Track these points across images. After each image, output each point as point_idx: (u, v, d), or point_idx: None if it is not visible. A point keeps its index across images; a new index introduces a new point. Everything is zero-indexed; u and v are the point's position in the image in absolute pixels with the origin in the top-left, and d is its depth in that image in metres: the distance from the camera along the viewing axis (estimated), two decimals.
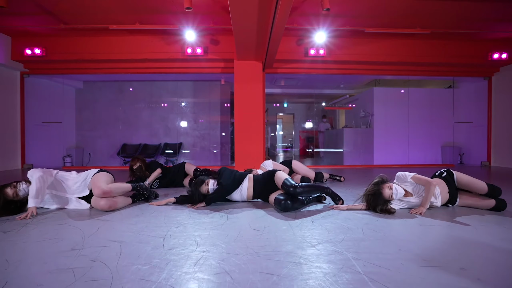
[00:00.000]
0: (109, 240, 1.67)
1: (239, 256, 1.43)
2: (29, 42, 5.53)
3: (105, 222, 2.06)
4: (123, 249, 1.53)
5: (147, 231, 1.84)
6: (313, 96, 9.62)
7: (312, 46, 5.61)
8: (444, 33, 5.48)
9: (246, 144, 5.53)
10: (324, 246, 1.57)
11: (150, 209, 2.46)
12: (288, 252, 1.49)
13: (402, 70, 6.32)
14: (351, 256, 1.44)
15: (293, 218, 2.14)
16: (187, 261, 1.38)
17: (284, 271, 1.27)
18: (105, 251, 1.51)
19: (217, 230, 1.85)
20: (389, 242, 1.64)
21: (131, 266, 1.32)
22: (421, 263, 1.35)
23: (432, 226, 1.95)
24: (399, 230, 1.87)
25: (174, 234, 1.77)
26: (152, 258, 1.41)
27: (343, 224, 1.98)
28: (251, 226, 1.95)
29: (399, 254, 1.46)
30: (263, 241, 1.66)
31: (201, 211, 2.36)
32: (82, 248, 1.55)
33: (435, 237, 1.74)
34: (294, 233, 1.80)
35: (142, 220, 2.11)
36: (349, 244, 1.61)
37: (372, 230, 1.85)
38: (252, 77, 5.51)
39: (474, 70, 6.45)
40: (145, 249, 1.53)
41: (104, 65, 5.96)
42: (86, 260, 1.39)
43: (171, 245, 1.59)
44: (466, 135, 7.22)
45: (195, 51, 5.52)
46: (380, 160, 7.11)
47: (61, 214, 2.29)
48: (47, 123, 6.69)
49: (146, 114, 7.91)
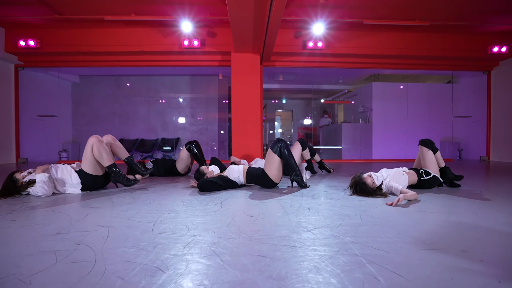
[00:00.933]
0: (97, 225, 1.60)
1: (231, 240, 1.38)
2: (23, 33, 5.44)
3: (95, 209, 2.00)
4: (110, 233, 1.47)
5: (138, 217, 1.78)
6: (312, 92, 9.56)
7: (310, 38, 5.54)
8: (443, 26, 5.42)
9: (244, 137, 5.47)
10: (320, 231, 1.51)
11: (143, 197, 2.40)
12: (283, 236, 1.44)
13: (401, 64, 6.27)
14: (348, 239, 1.38)
15: (289, 206, 2.08)
16: (176, 244, 1.32)
17: (277, 253, 1.22)
18: (92, 235, 1.45)
19: (210, 216, 1.79)
20: (388, 227, 1.58)
21: (117, 249, 1.26)
22: (420, 246, 1.30)
23: (431, 212, 1.90)
24: (397, 216, 1.82)
25: (165, 220, 1.71)
26: (140, 241, 1.35)
27: (340, 211, 1.93)
28: (245, 212, 1.89)
29: (397, 238, 1.41)
30: (257, 226, 1.60)
31: (195, 199, 2.30)
32: (68, 232, 1.49)
33: (434, 222, 1.69)
34: (290, 219, 1.74)
35: (133, 207, 2.04)
36: (346, 229, 1.55)
37: (370, 216, 1.79)
38: (249, 69, 5.45)
39: (474, 64, 6.40)
40: (134, 233, 1.47)
41: (100, 58, 5.87)
42: (71, 243, 1.33)
43: (161, 229, 1.53)
44: (465, 130, 7.19)
45: (192, 43, 5.44)
46: (378, 154, 7.07)
47: (50, 201, 2.22)
48: (42, 117, 6.61)
49: (143, 109, 7.84)
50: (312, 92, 9.61)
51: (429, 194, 2.52)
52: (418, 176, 2.62)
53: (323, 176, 3.86)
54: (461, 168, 4.81)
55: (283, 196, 2.43)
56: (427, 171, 2.62)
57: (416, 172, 2.64)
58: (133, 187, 2.89)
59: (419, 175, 2.62)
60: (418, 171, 2.65)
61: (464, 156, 7.22)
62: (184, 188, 2.88)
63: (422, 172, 2.62)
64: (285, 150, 2.66)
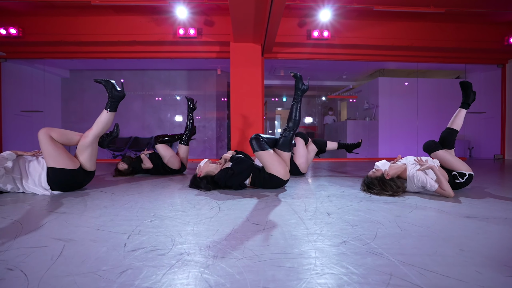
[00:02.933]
0: (52, 238, 1.19)
1: (232, 261, 0.97)
2: (4, 21, 5.00)
3: (60, 214, 1.58)
4: (64, 251, 1.06)
5: (110, 225, 1.37)
6: (316, 89, 9.16)
7: (315, 27, 5.15)
8: (458, 14, 5.04)
9: (244, 134, 5.07)
10: (354, 246, 1.11)
11: (124, 199, 1.98)
12: (303, 254, 1.04)
13: (412, 56, 5.87)
14: (397, 260, 0.98)
15: (303, 210, 1.68)
16: (153, 268, 0.91)
17: (302, 285, 0.81)
18: (37, 254, 1.04)
19: (204, 225, 1.39)
20: (441, 240, 1.18)
21: (64, 277, 0.86)
22: (504, 271, 0.90)
23: (487, 219, 1.50)
24: (445, 224, 1.42)
25: (144, 230, 1.30)
26: (102, 264, 0.95)
27: (368, 217, 1.53)
28: (249, 220, 1.49)
29: (463, 257, 1.01)
30: (266, 239, 1.20)
31: (187, 201, 1.89)
32: (7, 250, 1.08)
33: (501, 234, 1.28)
34: (308, 228, 1.34)
35: (109, 212, 1.63)
36: (387, 242, 1.15)
37: (410, 224, 1.40)
38: (250, 61, 5.05)
39: (488, 57, 6.02)
40: (98, 250, 1.06)
41: (88, 49, 5.44)
42: (1, 268, 0.92)
43: (136, 244, 1.13)
44: (476, 128, 6.81)
45: (188, 32, 5.03)
46: (385, 153, 6.69)
47: (6, 203, 1.80)
48: (28, 113, 6.17)
49: (138, 105, 7.42)
50: (317, 89, 9.20)
51: (463, 193, 2.13)
52: (451, 178, 2.20)
53: (334, 174, 3.45)
54: (480, 168, 4.42)
55: (294, 198, 2.03)
56: (461, 172, 2.20)
57: (448, 173, 2.23)
58: (117, 187, 2.47)
59: (452, 177, 2.19)
60: (450, 172, 2.23)
61: (475, 155, 6.84)
62: (176, 189, 2.46)
63: (455, 175, 2.19)
64: (258, 137, 2.27)
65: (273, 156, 2.27)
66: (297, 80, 2.41)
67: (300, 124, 2.51)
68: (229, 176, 2.21)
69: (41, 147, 2.11)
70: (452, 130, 2.32)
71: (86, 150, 2.25)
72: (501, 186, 2.59)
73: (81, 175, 2.25)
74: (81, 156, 2.26)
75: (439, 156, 2.23)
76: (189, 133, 3.53)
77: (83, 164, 2.26)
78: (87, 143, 2.24)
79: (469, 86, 2.39)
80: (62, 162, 2.13)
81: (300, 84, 2.40)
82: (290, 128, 2.35)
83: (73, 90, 7.29)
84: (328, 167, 4.46)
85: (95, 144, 2.30)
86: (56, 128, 2.21)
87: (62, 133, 2.20)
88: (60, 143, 2.18)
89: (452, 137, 2.29)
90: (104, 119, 2.27)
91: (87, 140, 2.24)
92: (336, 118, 9.09)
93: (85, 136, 2.26)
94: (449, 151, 2.27)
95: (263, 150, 2.24)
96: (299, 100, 2.39)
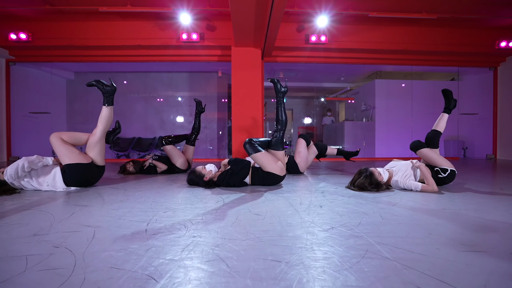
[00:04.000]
0: (82, 225, 1.40)
1: (237, 242, 1.18)
2: (14, 26, 5.21)
3: (82, 207, 1.79)
4: (96, 235, 1.26)
5: (130, 216, 1.58)
6: (314, 90, 9.36)
7: (313, 32, 5.36)
8: (450, 20, 5.25)
9: (245, 134, 5.27)
10: (339, 231, 1.32)
11: (136, 195, 2.19)
12: (297, 236, 1.24)
13: (406, 60, 6.09)
14: (373, 240, 1.19)
15: (299, 203, 1.88)
16: (172, 247, 1.12)
17: (293, 257, 1.02)
18: (74, 236, 1.24)
19: (211, 215, 1.59)
20: (415, 226, 1.39)
21: (102, 252, 1.06)
22: (460, 248, 1.10)
23: (458, 210, 1.71)
24: (422, 214, 1.62)
25: (160, 219, 1.51)
26: (130, 243, 1.15)
27: (356, 209, 1.73)
28: (251, 211, 1.69)
29: (430, 239, 1.21)
30: (265, 225, 1.40)
31: (194, 196, 2.10)
32: (47, 233, 1.28)
33: (466, 221, 1.49)
34: (302, 217, 1.55)
35: (125, 205, 1.84)
36: (368, 228, 1.36)
37: (391, 214, 1.60)
38: (250, 64, 5.25)
39: (480, 60, 6.23)
40: (124, 234, 1.27)
41: (95, 52, 5.65)
42: (48, 246, 1.12)
43: (156, 229, 1.33)
44: (470, 128, 7.02)
45: (190, 37, 5.24)
46: (382, 153, 6.89)
47: (32, 199, 2.01)
48: (35, 114, 6.37)
49: (140, 106, 7.62)
50: (315, 90, 9.41)
51: (446, 189, 2.33)
52: (433, 173, 2.41)
53: (331, 172, 3.66)
54: (469, 167, 4.63)
55: (290, 193, 2.23)
56: (443, 168, 2.42)
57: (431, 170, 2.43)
58: (128, 184, 2.68)
59: (435, 173, 2.41)
60: (433, 168, 2.44)
61: (469, 155, 7.05)
62: (183, 185, 2.67)
63: (437, 170, 2.42)
64: (251, 141, 2.47)
65: (267, 156, 2.48)
66: (275, 84, 2.62)
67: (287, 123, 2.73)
68: (229, 175, 2.41)
69: (55, 149, 2.35)
70: (436, 132, 2.53)
71: (96, 146, 2.48)
72: (482, 182, 2.79)
73: (94, 169, 2.48)
74: (92, 152, 2.48)
75: (423, 153, 2.45)
76: (195, 134, 3.74)
77: (94, 159, 2.49)
78: (96, 139, 2.47)
79: (450, 94, 2.62)
80: (76, 158, 2.36)
81: (279, 87, 2.60)
82: (279, 129, 2.57)
83: (78, 91, 7.48)
84: (326, 166, 4.66)
85: (103, 139, 2.54)
86: (65, 131, 2.49)
87: (71, 135, 2.47)
88: (70, 143, 2.40)
89: (436, 137, 2.51)
90: (106, 114, 2.51)
91: (96, 136, 2.47)
92: (334, 119, 9.29)
93: (93, 134, 2.49)
94: (434, 150, 2.49)
95: (257, 152, 2.45)
96: (281, 101, 2.60)
